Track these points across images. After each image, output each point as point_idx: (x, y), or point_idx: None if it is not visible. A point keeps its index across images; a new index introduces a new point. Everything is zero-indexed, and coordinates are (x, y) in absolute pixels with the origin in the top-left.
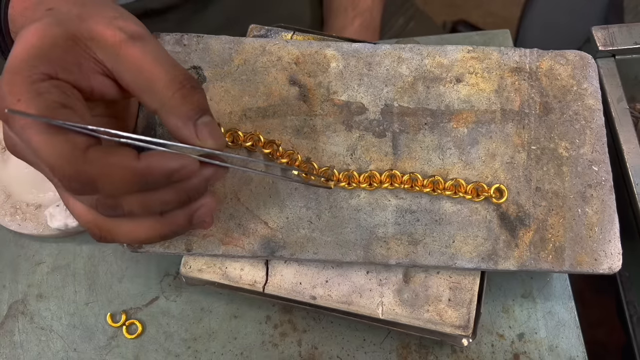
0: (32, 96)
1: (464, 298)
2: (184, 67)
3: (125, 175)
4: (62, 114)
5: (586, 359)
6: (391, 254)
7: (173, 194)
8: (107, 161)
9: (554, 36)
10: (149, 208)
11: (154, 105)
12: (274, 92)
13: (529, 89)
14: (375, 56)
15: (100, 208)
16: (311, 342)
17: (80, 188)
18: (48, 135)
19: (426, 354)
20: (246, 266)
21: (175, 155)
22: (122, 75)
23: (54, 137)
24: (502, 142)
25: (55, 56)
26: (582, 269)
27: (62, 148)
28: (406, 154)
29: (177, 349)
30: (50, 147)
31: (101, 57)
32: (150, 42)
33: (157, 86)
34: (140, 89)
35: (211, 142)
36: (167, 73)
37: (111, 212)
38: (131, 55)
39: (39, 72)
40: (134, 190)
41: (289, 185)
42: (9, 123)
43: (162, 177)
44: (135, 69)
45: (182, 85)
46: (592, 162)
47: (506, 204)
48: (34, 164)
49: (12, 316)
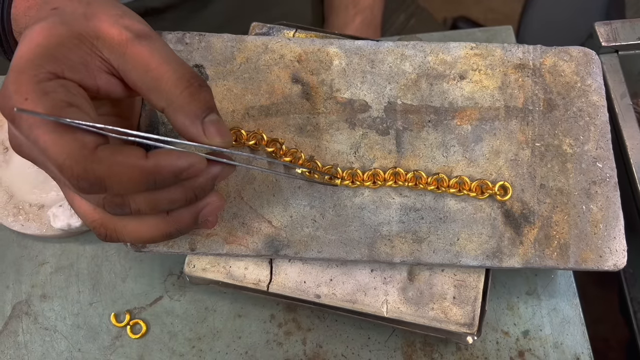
0: (38, 95)
1: (469, 296)
2: (190, 66)
3: (133, 174)
4: (69, 113)
5: (591, 356)
6: (395, 252)
7: (180, 192)
8: (116, 160)
9: (555, 32)
10: (156, 206)
11: (160, 103)
12: (277, 90)
13: (532, 86)
14: (378, 53)
15: (107, 206)
16: (316, 340)
17: (88, 187)
18: (56, 134)
19: (431, 352)
20: (250, 265)
21: (183, 154)
22: (128, 74)
23: (63, 136)
24: (506, 139)
25: (61, 55)
26: (587, 266)
27: (71, 147)
28: (410, 152)
29: (182, 349)
30: (59, 146)
31: (107, 56)
32: (157, 41)
33: (164, 85)
34: (147, 87)
35: (219, 139)
36: (174, 71)
37: (118, 211)
38: (138, 54)
39: (46, 71)
40: (142, 189)
41: (293, 184)
42: (16, 122)
43: (171, 176)
44: (142, 67)
45: (190, 83)
46: (597, 159)
47: (510, 201)
48: (40, 164)
49: (16, 317)
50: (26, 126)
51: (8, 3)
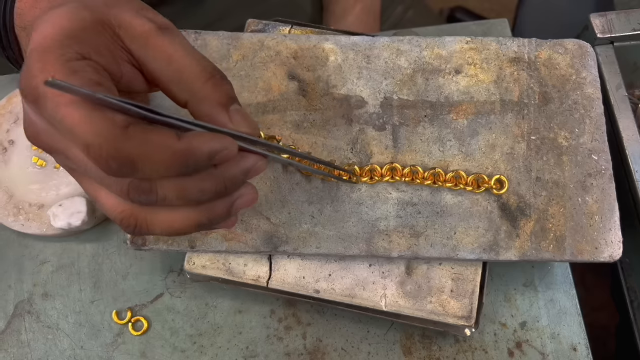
0: (67, 73)
1: (466, 289)
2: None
3: (165, 155)
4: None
5: (588, 346)
6: (393, 246)
7: (211, 182)
8: (148, 139)
9: (552, 22)
10: (185, 195)
11: (183, 95)
12: (273, 87)
13: (528, 79)
14: (374, 49)
15: (132, 192)
16: (316, 334)
17: (118, 168)
18: (86, 111)
19: (429, 344)
20: (249, 261)
21: (215, 136)
22: (150, 65)
23: (92, 114)
24: (501, 133)
25: (87, 38)
26: (583, 257)
27: (101, 125)
28: (406, 147)
29: (183, 345)
30: (88, 124)
31: (129, 46)
32: (178, 34)
33: (187, 76)
34: (169, 79)
35: (246, 126)
36: (197, 63)
37: (143, 198)
38: (160, 46)
39: (73, 51)
40: (173, 172)
41: (291, 181)
42: (39, 103)
43: (204, 158)
44: (165, 59)
45: (212, 75)
46: (592, 151)
47: (507, 195)
48: (59, 151)
49: (18, 315)
50: (52, 105)
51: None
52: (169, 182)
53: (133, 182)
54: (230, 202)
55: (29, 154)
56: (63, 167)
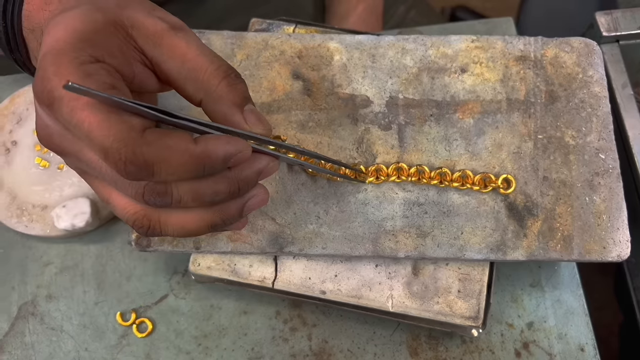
0: (82, 76)
1: (474, 289)
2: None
3: (182, 158)
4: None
5: (595, 346)
6: (400, 247)
7: (225, 183)
8: (165, 143)
9: (556, 21)
10: (199, 197)
11: (198, 94)
12: (278, 86)
13: (534, 78)
14: (379, 48)
15: (148, 195)
16: (321, 336)
17: (136, 172)
18: (104, 114)
19: (436, 345)
20: (255, 262)
21: (231, 139)
22: (164, 64)
23: (110, 117)
24: (508, 132)
25: (100, 40)
26: (591, 257)
27: (119, 129)
28: (412, 146)
29: (188, 346)
30: (106, 128)
31: (142, 46)
32: (191, 33)
33: (202, 75)
34: (183, 78)
35: (261, 128)
36: (211, 62)
37: (158, 201)
38: (174, 45)
39: (87, 54)
40: (190, 175)
41: (296, 181)
42: (55, 106)
43: (220, 161)
44: (179, 58)
45: (227, 74)
46: (599, 150)
47: (514, 194)
48: (72, 155)
49: (22, 317)
50: (68, 109)
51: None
52: (184, 185)
53: (149, 184)
54: (242, 203)
55: (32, 154)
56: (74, 170)
